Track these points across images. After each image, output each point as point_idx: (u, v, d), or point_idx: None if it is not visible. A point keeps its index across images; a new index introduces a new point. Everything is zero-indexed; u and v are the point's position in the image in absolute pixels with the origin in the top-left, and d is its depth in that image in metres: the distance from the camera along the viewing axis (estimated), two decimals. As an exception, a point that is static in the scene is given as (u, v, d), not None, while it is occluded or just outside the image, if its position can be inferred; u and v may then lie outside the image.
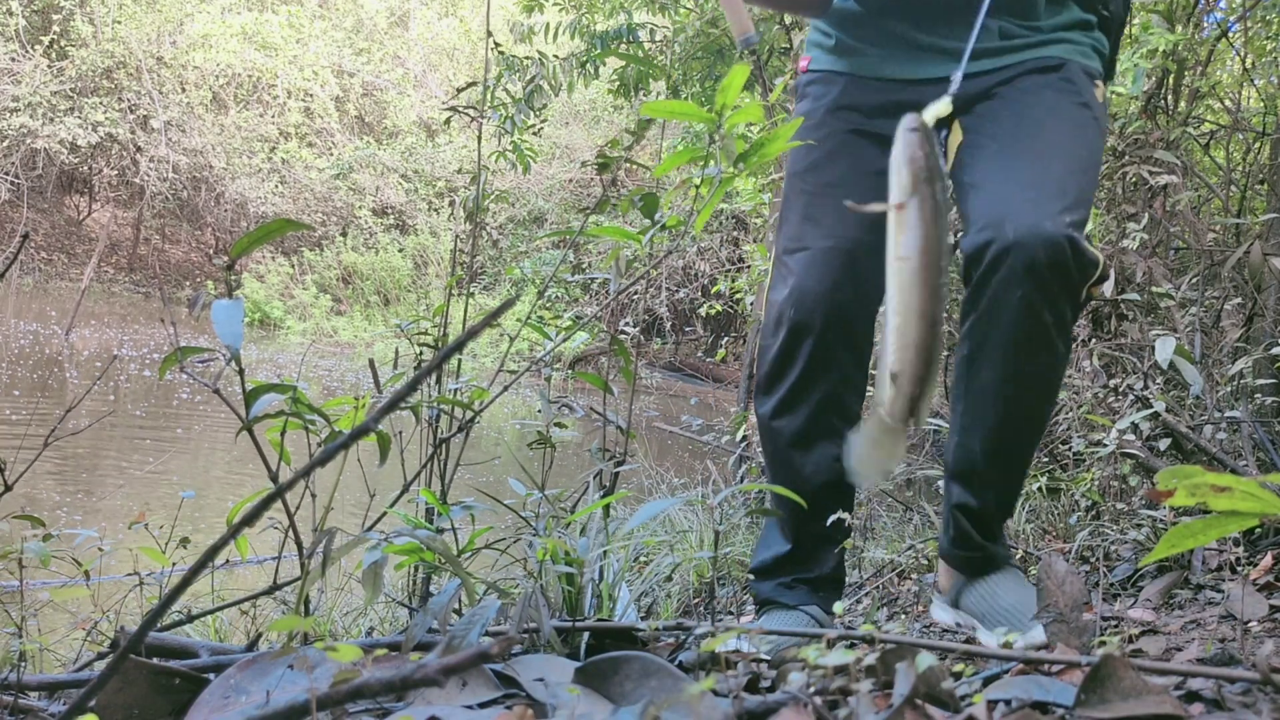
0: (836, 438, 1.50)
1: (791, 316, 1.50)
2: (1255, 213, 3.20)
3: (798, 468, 1.53)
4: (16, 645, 1.16)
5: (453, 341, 0.64)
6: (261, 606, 2.01)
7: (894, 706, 0.73)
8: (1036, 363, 1.39)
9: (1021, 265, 1.32)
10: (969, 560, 1.48)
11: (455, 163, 17.01)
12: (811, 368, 1.49)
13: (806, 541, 1.55)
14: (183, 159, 15.96)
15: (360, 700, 0.68)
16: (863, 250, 1.46)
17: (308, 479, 1.17)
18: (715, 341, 14.70)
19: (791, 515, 1.55)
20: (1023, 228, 1.32)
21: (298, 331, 15.08)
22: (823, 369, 1.49)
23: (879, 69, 1.55)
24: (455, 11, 20.09)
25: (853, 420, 1.52)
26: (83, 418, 5.89)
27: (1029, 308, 1.34)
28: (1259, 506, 0.72)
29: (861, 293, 1.48)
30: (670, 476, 4.41)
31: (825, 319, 1.48)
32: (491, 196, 2.15)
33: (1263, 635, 1.33)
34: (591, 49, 6.15)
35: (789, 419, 1.52)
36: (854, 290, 1.47)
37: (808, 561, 1.55)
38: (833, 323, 1.48)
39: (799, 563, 1.55)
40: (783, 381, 1.51)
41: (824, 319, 1.48)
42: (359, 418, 1.19)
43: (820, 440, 1.52)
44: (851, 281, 1.47)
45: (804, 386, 1.50)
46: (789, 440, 1.52)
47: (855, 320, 1.49)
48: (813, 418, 1.50)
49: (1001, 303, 1.35)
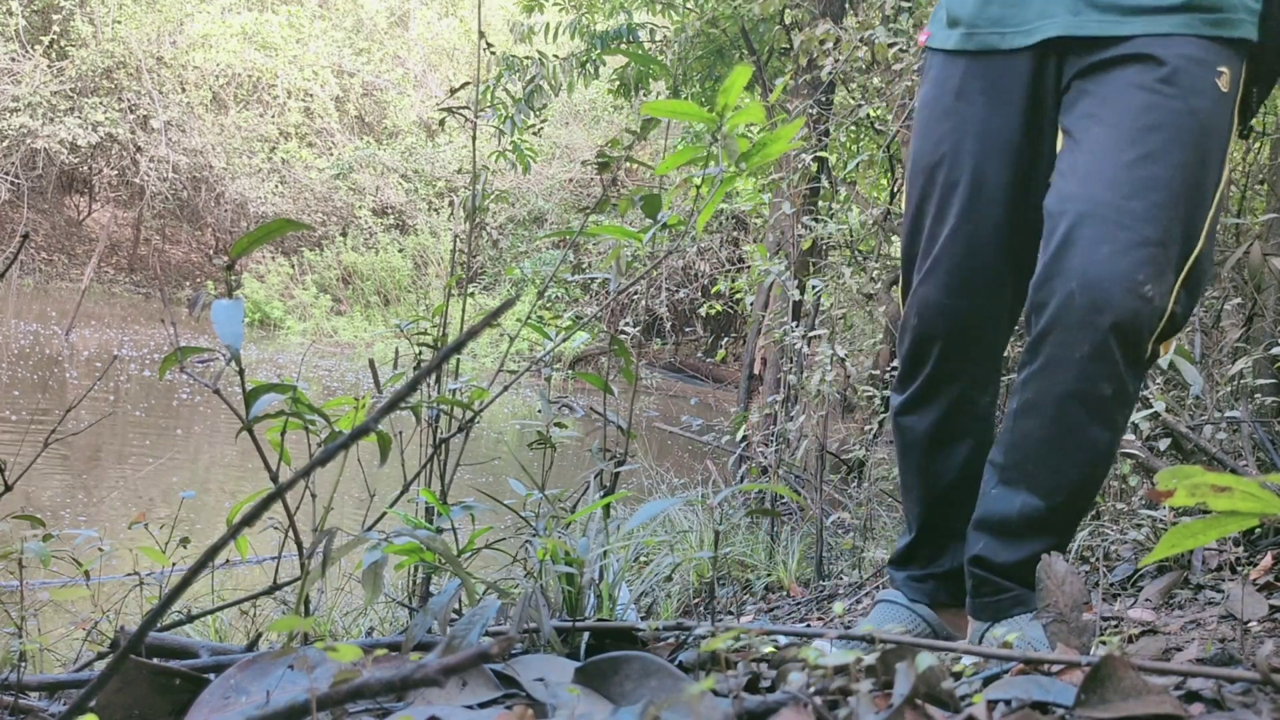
0: (968, 437, 1.45)
1: (915, 325, 1.44)
2: (1255, 213, 3.20)
3: (925, 464, 1.48)
4: (16, 645, 1.16)
5: (453, 341, 0.64)
6: (261, 606, 2.02)
7: (894, 706, 0.73)
8: (1089, 438, 1.28)
9: (1085, 329, 1.22)
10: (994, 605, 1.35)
11: (455, 163, 17.01)
12: (939, 372, 1.44)
13: (930, 535, 1.50)
14: (183, 159, 15.95)
15: (360, 700, 0.68)
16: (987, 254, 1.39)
17: (308, 479, 1.17)
18: (715, 341, 14.69)
19: (918, 509, 1.51)
20: (1092, 284, 1.21)
21: (298, 331, 15.08)
22: (951, 374, 1.44)
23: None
24: (455, 11, 20.09)
25: (985, 417, 1.47)
26: (83, 418, 5.89)
27: (1087, 375, 1.24)
28: (1259, 506, 0.72)
29: (985, 299, 1.40)
30: (670, 476, 4.41)
31: (949, 329, 1.41)
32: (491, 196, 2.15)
33: (1263, 635, 1.33)
34: (591, 49, 6.15)
35: (918, 417, 1.47)
36: (978, 298, 1.40)
37: (935, 555, 1.49)
38: (957, 332, 1.41)
39: (926, 556, 1.50)
40: (913, 381, 1.47)
41: (947, 329, 1.41)
42: (359, 418, 1.19)
43: (951, 441, 1.46)
44: (974, 289, 1.40)
45: (933, 388, 1.45)
46: (918, 438, 1.48)
47: (982, 326, 1.42)
48: (943, 418, 1.45)
49: (1059, 363, 1.26)
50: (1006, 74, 1.38)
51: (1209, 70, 1.27)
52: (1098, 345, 1.22)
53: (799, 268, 4.43)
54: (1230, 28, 1.29)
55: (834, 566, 3.17)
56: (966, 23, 1.40)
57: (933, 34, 1.48)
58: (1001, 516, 1.32)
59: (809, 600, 2.76)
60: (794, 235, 4.53)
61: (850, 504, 3.57)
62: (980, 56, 1.39)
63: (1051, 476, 1.29)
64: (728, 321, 14.00)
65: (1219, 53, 1.28)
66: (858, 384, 3.77)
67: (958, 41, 1.41)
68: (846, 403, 4.76)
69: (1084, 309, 1.22)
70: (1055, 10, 1.33)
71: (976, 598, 1.36)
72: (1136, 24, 1.29)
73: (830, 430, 3.95)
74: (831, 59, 3.94)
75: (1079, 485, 1.30)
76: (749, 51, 6.11)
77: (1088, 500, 1.34)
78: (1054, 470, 1.29)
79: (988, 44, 1.38)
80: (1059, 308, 1.24)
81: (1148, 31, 1.28)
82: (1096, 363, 1.23)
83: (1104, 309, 1.21)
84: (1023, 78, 1.37)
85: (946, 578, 1.48)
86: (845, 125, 4.80)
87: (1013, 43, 1.37)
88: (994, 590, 1.34)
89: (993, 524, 1.34)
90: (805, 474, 4.11)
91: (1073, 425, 1.27)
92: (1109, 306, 1.21)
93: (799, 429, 3.85)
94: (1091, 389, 1.25)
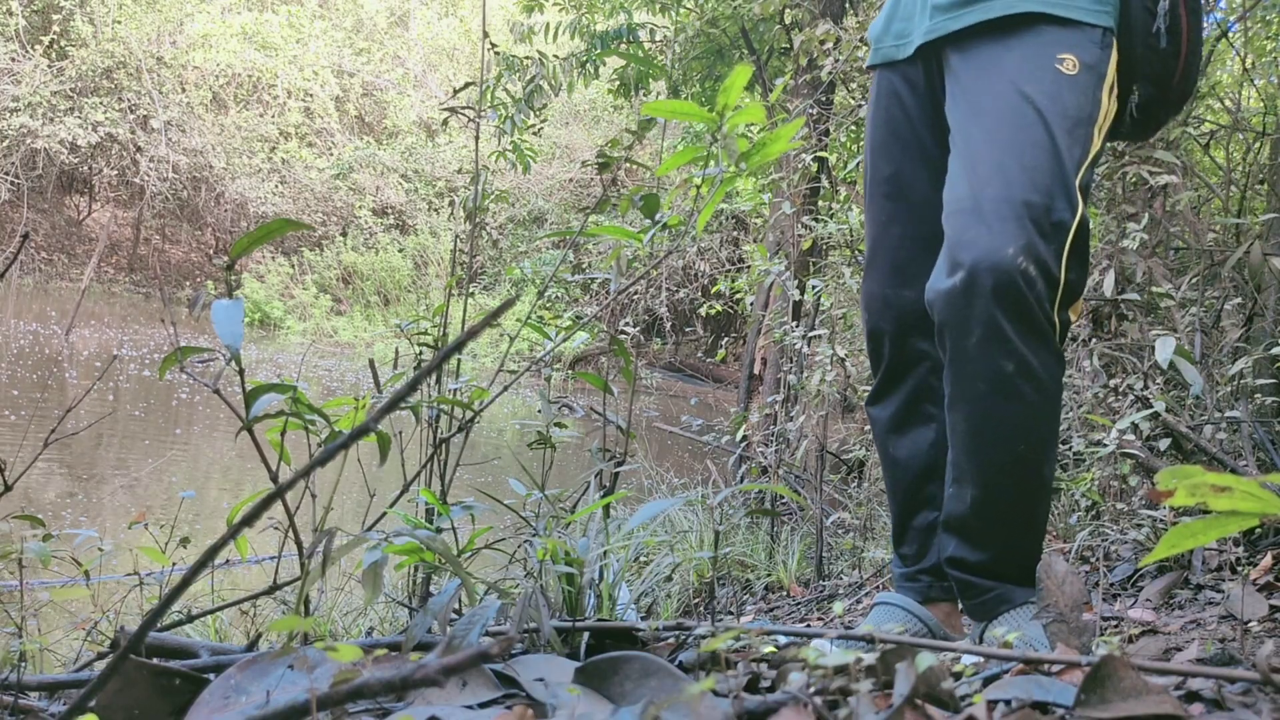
0: (932, 423, 1.49)
1: (866, 320, 1.52)
2: (1255, 213, 3.20)
3: (893, 454, 1.53)
4: (16, 645, 1.16)
5: (453, 341, 0.64)
6: (261, 606, 2.02)
7: (894, 706, 0.73)
8: (1003, 417, 1.29)
9: (969, 308, 1.26)
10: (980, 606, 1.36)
11: (455, 163, 17.02)
12: (894, 362, 1.50)
13: (909, 528, 1.53)
14: (183, 159, 15.96)
15: (360, 700, 0.68)
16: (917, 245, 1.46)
17: (308, 479, 1.17)
18: (715, 341, 14.71)
19: (893, 500, 1.55)
20: (968, 272, 1.25)
21: (298, 331, 15.08)
22: (906, 362, 1.49)
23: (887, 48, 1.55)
24: (455, 11, 20.10)
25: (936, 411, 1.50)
26: (83, 418, 5.89)
27: (985, 356, 1.26)
28: (1259, 506, 0.72)
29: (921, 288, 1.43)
30: (670, 476, 4.41)
31: (894, 320, 1.48)
32: (491, 196, 2.15)
33: (1263, 635, 1.33)
34: (591, 49, 6.15)
35: (881, 408, 1.53)
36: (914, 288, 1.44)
37: (920, 551, 1.52)
38: (902, 322, 1.48)
39: (911, 555, 1.53)
40: (875, 373, 1.54)
41: (893, 320, 1.48)
42: (359, 418, 1.19)
43: (911, 428, 1.51)
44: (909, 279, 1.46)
45: (892, 378, 1.51)
46: (884, 427, 1.54)
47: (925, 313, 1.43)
48: (903, 407, 1.51)
49: (959, 355, 1.29)
50: (906, 82, 1.50)
51: (1048, 54, 1.32)
52: (985, 326, 1.25)
53: (799, 268, 4.43)
54: (1068, 10, 1.33)
55: (834, 566, 3.17)
56: (876, 40, 1.55)
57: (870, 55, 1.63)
58: (959, 516, 1.35)
59: (809, 600, 2.76)
60: (794, 235, 4.53)
61: (850, 504, 3.57)
62: (887, 69, 1.53)
63: (981, 465, 1.31)
64: (728, 321, 14.01)
65: (1060, 37, 1.33)
66: (858, 384, 3.77)
67: (872, 58, 1.56)
68: (846, 403, 4.75)
69: (963, 297, 1.26)
70: (923, 19, 1.44)
71: (962, 599, 1.38)
72: (974, 13, 1.36)
73: (830, 430, 3.95)
74: (831, 59, 3.94)
75: (1008, 467, 1.30)
76: (749, 51, 6.11)
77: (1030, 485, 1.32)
78: (980, 458, 1.31)
79: (889, 57, 1.52)
80: (944, 305, 1.28)
81: (985, 17, 1.35)
82: (990, 344, 1.25)
83: (980, 291, 1.24)
84: (919, 83, 1.48)
85: (936, 572, 1.50)
86: (845, 125, 4.80)
87: (904, 54, 1.49)
88: (975, 591, 1.35)
89: (954, 524, 1.36)
90: (805, 474, 4.11)
91: (985, 409, 1.29)
92: (983, 288, 1.24)
93: (799, 429, 3.85)
94: (992, 369, 1.27)
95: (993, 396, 1.28)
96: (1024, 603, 1.33)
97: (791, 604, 2.75)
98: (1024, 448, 1.30)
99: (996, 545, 1.34)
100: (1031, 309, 1.26)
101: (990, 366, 1.27)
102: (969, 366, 1.28)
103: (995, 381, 1.27)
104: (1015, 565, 1.34)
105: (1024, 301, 1.25)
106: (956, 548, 1.36)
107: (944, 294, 1.29)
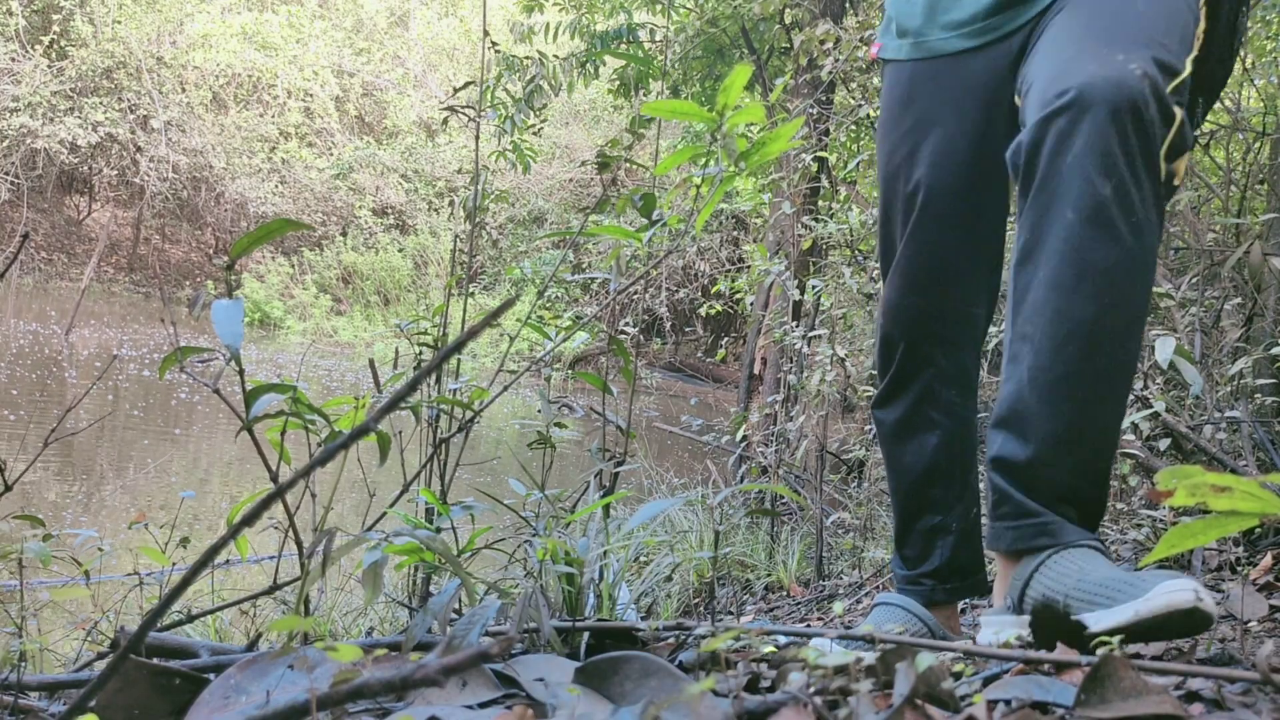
0: (935, 430, 1.46)
1: (882, 325, 1.48)
2: (1255, 213, 3.20)
3: (898, 457, 1.51)
4: (16, 645, 1.16)
5: (453, 341, 0.64)
6: (261, 606, 2.02)
7: (894, 706, 0.73)
8: (1089, 258, 1.08)
9: (1074, 121, 1.08)
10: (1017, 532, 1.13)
11: (455, 163, 17.02)
12: (903, 368, 1.47)
13: (911, 531, 1.50)
14: (183, 159, 15.97)
15: (360, 700, 0.68)
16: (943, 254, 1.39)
17: (308, 479, 1.17)
18: (715, 341, 14.71)
19: (896, 502, 1.52)
20: (1079, 80, 1.08)
21: (298, 331, 15.08)
22: (915, 369, 1.46)
23: None
24: (455, 11, 20.10)
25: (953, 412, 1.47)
26: (83, 418, 5.89)
27: (1080, 173, 1.07)
28: (1259, 506, 0.72)
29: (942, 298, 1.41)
30: (670, 476, 4.41)
31: (909, 327, 1.44)
32: (491, 196, 2.15)
33: (1263, 635, 1.33)
34: (591, 49, 6.15)
35: (887, 411, 1.51)
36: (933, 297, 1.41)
37: (924, 553, 1.49)
38: (917, 330, 1.43)
39: (913, 557, 1.50)
40: (883, 377, 1.51)
41: (907, 327, 1.44)
42: (359, 418, 1.19)
43: (916, 433, 1.48)
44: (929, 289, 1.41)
45: (899, 383, 1.48)
46: (889, 430, 1.51)
47: (943, 323, 1.42)
48: (909, 411, 1.48)
49: (1048, 173, 1.11)
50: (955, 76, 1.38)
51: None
52: (1089, 136, 1.07)
53: (799, 268, 4.43)
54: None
55: (834, 566, 3.17)
56: (916, 33, 1.42)
57: (884, 45, 1.50)
58: (1011, 396, 1.16)
59: (809, 600, 2.76)
60: (794, 235, 4.53)
61: (850, 504, 3.57)
62: (927, 62, 1.40)
63: (1051, 319, 1.11)
64: (728, 321, 14.02)
65: None
66: (858, 384, 3.77)
67: (908, 51, 1.43)
68: (846, 403, 4.76)
69: (1067, 112, 1.09)
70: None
71: (995, 519, 1.17)
72: None
73: (830, 430, 3.95)
74: (831, 59, 3.94)
75: (1085, 328, 1.09)
76: (749, 51, 6.11)
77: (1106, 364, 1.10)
78: (1052, 309, 1.11)
79: (935, 49, 1.40)
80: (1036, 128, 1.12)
81: None
82: (1089, 157, 1.07)
83: (1089, 102, 1.08)
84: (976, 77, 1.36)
85: (939, 574, 1.49)
86: (845, 125, 4.80)
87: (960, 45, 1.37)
88: (1013, 512, 1.14)
89: (1004, 412, 1.17)
90: (805, 474, 4.11)
91: (1069, 244, 1.10)
92: (1094, 98, 1.07)
93: (799, 429, 3.85)
94: (1086, 189, 1.08)
95: (1082, 227, 1.09)
96: (1075, 543, 1.09)
97: (791, 604, 2.75)
98: (1107, 304, 1.09)
99: (1051, 439, 1.11)
100: (1145, 127, 1.08)
101: (1085, 186, 1.08)
102: (1058, 187, 1.10)
103: (1088, 206, 1.08)
104: (1071, 479, 1.12)
105: (1139, 117, 1.07)
106: (1003, 444, 1.16)
107: (1039, 120, 1.11)
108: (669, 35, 6.34)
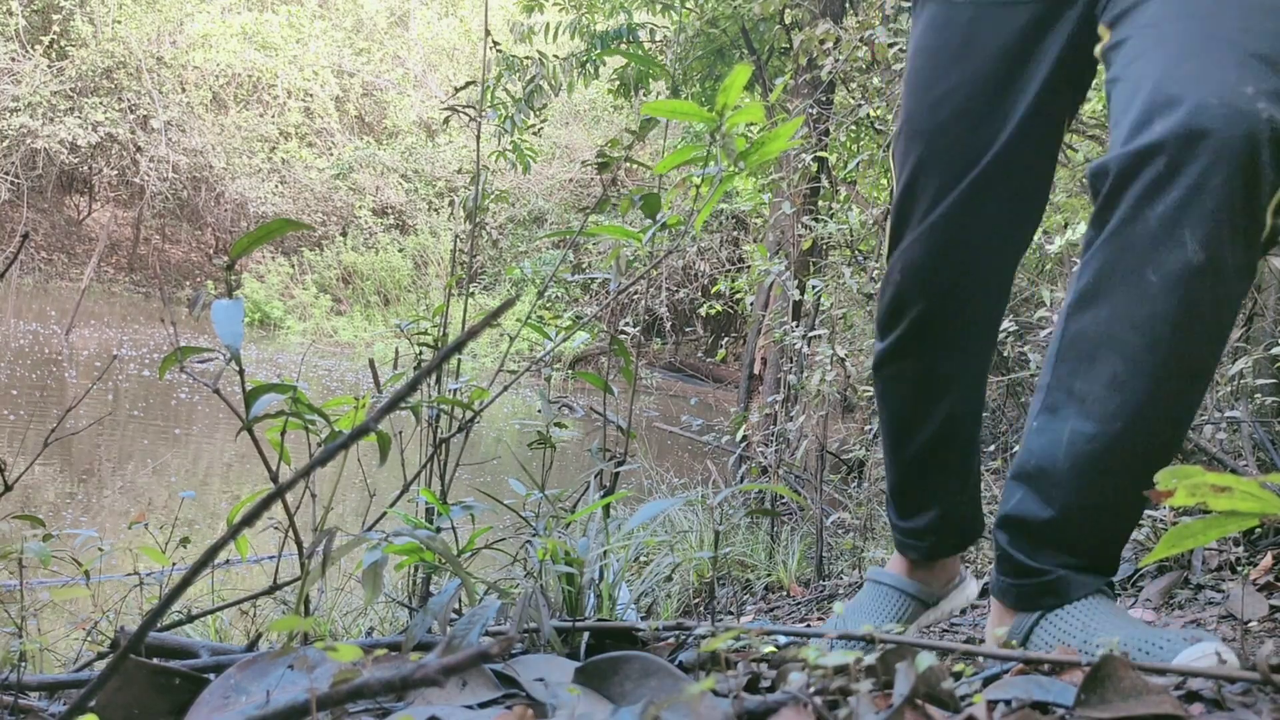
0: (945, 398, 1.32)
1: (897, 282, 1.29)
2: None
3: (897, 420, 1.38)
4: (16, 645, 1.16)
5: (453, 341, 0.64)
6: (261, 606, 2.02)
7: (894, 706, 0.73)
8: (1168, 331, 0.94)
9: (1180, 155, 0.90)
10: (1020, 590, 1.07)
11: (455, 163, 17.03)
12: (915, 332, 1.31)
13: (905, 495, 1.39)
14: (183, 159, 15.96)
15: (360, 700, 0.68)
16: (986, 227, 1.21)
17: (308, 479, 1.17)
18: (715, 341, 14.71)
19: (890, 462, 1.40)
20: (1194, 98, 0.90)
21: (298, 331, 15.08)
22: (930, 336, 1.31)
23: None
24: (455, 11, 20.10)
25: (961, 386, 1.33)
26: (83, 418, 5.89)
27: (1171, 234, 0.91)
28: (1259, 506, 0.72)
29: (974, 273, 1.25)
30: (670, 476, 4.42)
31: (932, 294, 1.26)
32: (491, 196, 2.15)
33: (1263, 635, 1.33)
34: (591, 49, 6.15)
35: (894, 369, 1.35)
36: (964, 270, 1.24)
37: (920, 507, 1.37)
38: (939, 299, 1.27)
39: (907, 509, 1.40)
40: (888, 334, 1.34)
41: (930, 294, 1.26)
42: (359, 418, 1.19)
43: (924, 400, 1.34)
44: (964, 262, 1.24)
45: (908, 346, 1.32)
46: (892, 390, 1.37)
47: (968, 298, 1.27)
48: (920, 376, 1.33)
49: (1134, 221, 0.94)
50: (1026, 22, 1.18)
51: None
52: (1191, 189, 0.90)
53: (799, 268, 4.43)
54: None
55: (834, 566, 3.17)
56: None
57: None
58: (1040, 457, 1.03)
59: (809, 600, 2.76)
60: (794, 235, 4.53)
61: (850, 504, 3.57)
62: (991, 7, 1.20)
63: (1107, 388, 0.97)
64: (728, 321, 14.02)
65: None
66: (858, 384, 3.77)
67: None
68: (846, 403, 4.76)
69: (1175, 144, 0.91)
70: None
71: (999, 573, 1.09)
72: None
73: (830, 430, 3.95)
74: (831, 59, 3.94)
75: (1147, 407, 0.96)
76: (749, 51, 6.11)
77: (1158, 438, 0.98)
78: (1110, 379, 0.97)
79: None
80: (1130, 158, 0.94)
81: None
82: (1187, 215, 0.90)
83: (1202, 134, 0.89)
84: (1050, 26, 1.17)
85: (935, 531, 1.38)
86: (845, 125, 4.80)
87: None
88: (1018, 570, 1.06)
89: (1032, 472, 1.05)
90: (805, 474, 4.11)
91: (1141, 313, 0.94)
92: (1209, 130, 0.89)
93: (799, 429, 3.85)
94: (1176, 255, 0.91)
95: (1165, 300, 0.93)
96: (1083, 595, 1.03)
97: (791, 604, 2.75)
98: (1173, 389, 0.96)
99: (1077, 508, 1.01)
100: (1258, 181, 0.89)
101: (1175, 251, 0.91)
102: (1142, 242, 0.93)
103: (1174, 275, 0.92)
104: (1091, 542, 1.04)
105: (1254, 170, 0.89)
106: (1021, 500, 1.06)
107: (1133, 152, 0.93)
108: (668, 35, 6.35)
